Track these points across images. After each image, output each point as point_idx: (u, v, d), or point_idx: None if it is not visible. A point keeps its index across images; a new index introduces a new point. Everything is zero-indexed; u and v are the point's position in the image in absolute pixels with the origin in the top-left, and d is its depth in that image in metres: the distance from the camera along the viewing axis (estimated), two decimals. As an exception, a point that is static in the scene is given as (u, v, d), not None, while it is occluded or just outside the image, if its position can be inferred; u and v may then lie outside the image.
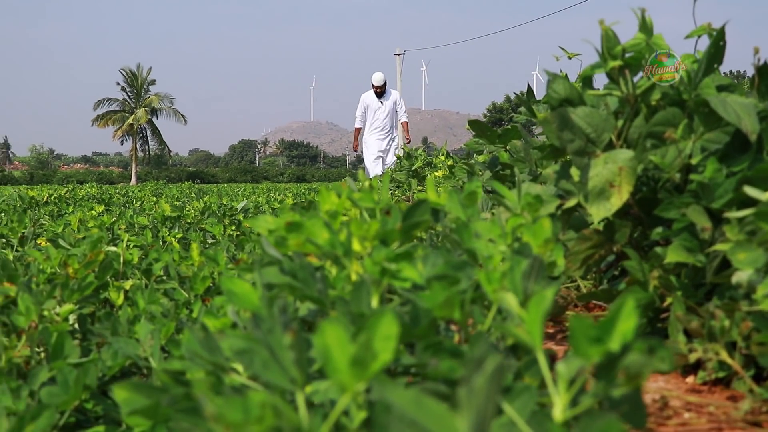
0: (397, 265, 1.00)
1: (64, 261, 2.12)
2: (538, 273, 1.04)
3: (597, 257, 1.62)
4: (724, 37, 1.67)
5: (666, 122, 1.52)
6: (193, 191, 11.64)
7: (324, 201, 1.44)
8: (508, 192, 1.52)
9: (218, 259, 2.20)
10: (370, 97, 13.20)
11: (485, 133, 3.25)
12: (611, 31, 1.58)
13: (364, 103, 13.13)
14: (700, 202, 1.45)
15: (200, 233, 3.78)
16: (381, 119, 13.01)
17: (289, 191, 11.56)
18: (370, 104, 13.13)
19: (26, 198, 6.39)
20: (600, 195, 1.51)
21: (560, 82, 1.64)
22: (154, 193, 10.69)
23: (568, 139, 1.52)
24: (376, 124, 13.08)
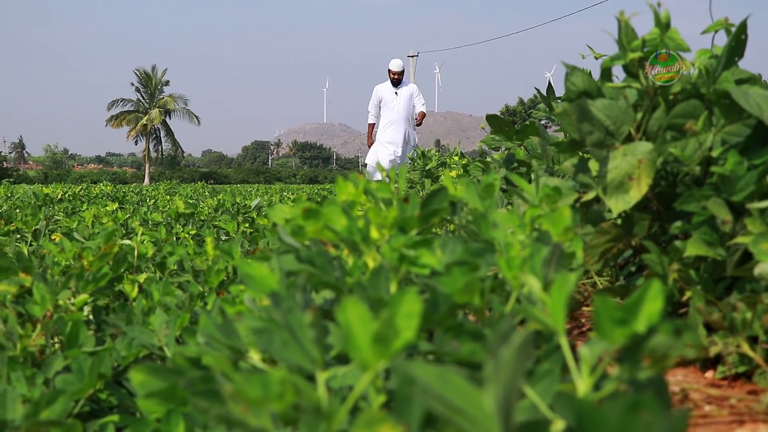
0: (415, 252, 0.99)
1: (78, 253, 2.12)
2: (558, 260, 1.03)
3: (615, 251, 1.60)
4: (745, 30, 1.65)
5: (686, 114, 1.50)
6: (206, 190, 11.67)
7: (341, 191, 1.44)
8: (526, 184, 1.50)
9: (233, 252, 2.19)
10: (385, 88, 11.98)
11: (503, 128, 3.23)
12: (630, 24, 1.57)
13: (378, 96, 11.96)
14: (721, 195, 1.43)
15: (214, 230, 3.78)
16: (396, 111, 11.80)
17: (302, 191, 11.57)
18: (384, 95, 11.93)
19: (41, 195, 6.41)
20: (619, 188, 1.50)
21: (578, 75, 1.63)
22: (167, 192, 10.71)
23: (587, 131, 1.51)
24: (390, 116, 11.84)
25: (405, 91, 12.00)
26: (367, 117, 12.17)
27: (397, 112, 11.80)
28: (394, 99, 11.85)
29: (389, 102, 11.88)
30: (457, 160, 7.50)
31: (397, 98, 11.86)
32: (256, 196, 8.57)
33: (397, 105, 11.79)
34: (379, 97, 11.96)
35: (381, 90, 12.00)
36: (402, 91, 11.94)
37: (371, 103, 12.01)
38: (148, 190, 11.25)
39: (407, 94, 11.97)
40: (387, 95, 11.93)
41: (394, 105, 11.79)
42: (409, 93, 11.97)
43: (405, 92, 11.98)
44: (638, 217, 1.57)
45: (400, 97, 11.89)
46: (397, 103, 11.81)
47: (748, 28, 1.67)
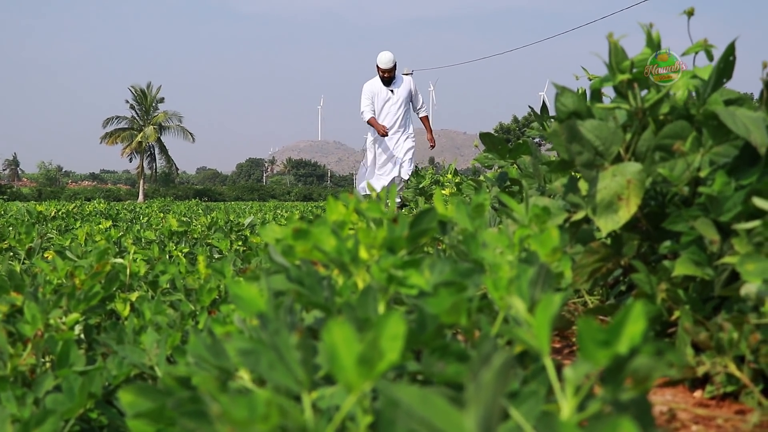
0: (404, 272, 1.00)
1: (70, 272, 2.12)
2: (545, 281, 1.04)
3: (604, 270, 1.61)
4: (733, 52, 1.67)
5: (674, 135, 1.52)
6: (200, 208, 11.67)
7: (331, 211, 1.44)
8: (516, 204, 1.51)
9: (224, 271, 2.19)
10: (376, 86, 9.64)
11: (496, 147, 3.25)
12: (619, 45, 1.59)
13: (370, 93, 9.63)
14: (709, 215, 1.44)
15: (207, 248, 3.78)
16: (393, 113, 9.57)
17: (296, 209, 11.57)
18: (378, 94, 9.62)
19: (34, 213, 6.40)
20: (608, 208, 1.51)
21: (568, 96, 1.64)
22: (161, 209, 10.71)
23: (577, 151, 1.52)
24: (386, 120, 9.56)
25: (403, 88, 9.69)
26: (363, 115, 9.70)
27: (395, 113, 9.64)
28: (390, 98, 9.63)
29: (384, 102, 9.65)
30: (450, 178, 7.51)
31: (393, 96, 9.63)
32: (250, 214, 8.58)
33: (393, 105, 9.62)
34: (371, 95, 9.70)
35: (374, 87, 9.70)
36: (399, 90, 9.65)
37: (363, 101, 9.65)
38: (142, 207, 11.25)
39: (405, 92, 9.69)
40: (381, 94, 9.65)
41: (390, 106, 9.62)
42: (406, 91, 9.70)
43: (403, 90, 9.69)
44: (627, 237, 1.58)
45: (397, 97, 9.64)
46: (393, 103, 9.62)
47: (735, 50, 1.69)
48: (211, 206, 14.75)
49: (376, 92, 9.76)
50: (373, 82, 9.81)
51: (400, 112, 9.74)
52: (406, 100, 9.78)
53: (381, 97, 9.75)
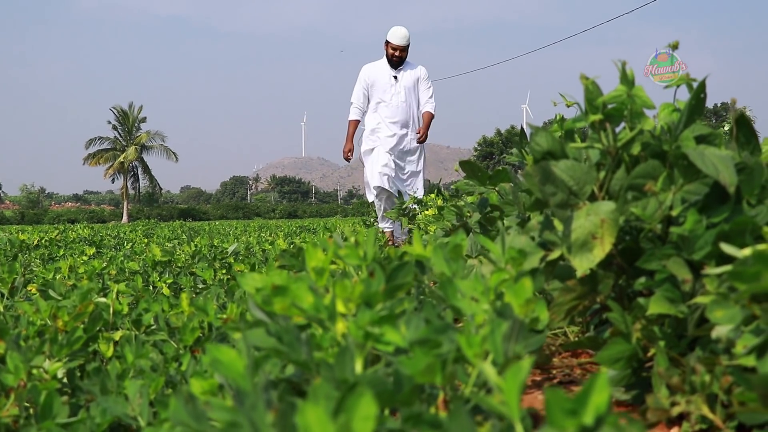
0: (380, 329, 1.02)
1: (53, 313, 2.13)
2: (518, 334, 1.06)
3: (581, 308, 1.64)
4: (704, 90, 1.71)
5: (646, 174, 1.55)
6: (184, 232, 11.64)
7: (311, 258, 1.46)
8: (493, 245, 1.53)
9: (208, 309, 2.21)
10: (378, 69, 7.93)
11: (476, 174, 3.29)
12: (592, 85, 1.62)
13: (367, 81, 7.92)
14: (681, 254, 1.47)
15: (191, 278, 3.78)
16: (395, 105, 7.85)
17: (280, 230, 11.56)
18: (377, 80, 7.89)
19: (16, 242, 6.38)
20: (583, 247, 1.53)
21: (542, 135, 1.67)
22: (145, 233, 10.69)
23: (551, 192, 1.55)
24: (386, 112, 7.85)
25: (410, 75, 7.96)
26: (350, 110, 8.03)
27: (396, 106, 7.89)
28: (393, 87, 7.90)
29: (385, 91, 7.92)
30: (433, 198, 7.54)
31: (397, 85, 7.89)
32: (234, 237, 8.58)
33: (396, 96, 7.88)
34: (368, 83, 7.95)
35: (372, 72, 7.96)
36: (405, 75, 7.92)
37: (356, 92, 7.98)
38: (126, 231, 11.22)
39: (411, 81, 7.95)
40: (382, 80, 7.92)
41: (393, 96, 7.90)
42: (414, 79, 7.95)
43: (409, 77, 7.94)
44: (602, 275, 1.61)
45: (401, 85, 7.89)
46: (397, 94, 7.89)
47: (706, 87, 1.73)
48: (195, 228, 14.73)
49: (374, 78, 7.91)
50: (374, 65, 8.01)
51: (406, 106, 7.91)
52: (413, 90, 7.96)
53: (381, 84, 7.90)
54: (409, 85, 7.98)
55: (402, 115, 7.97)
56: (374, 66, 8.04)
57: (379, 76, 7.96)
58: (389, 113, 7.94)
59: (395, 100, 7.92)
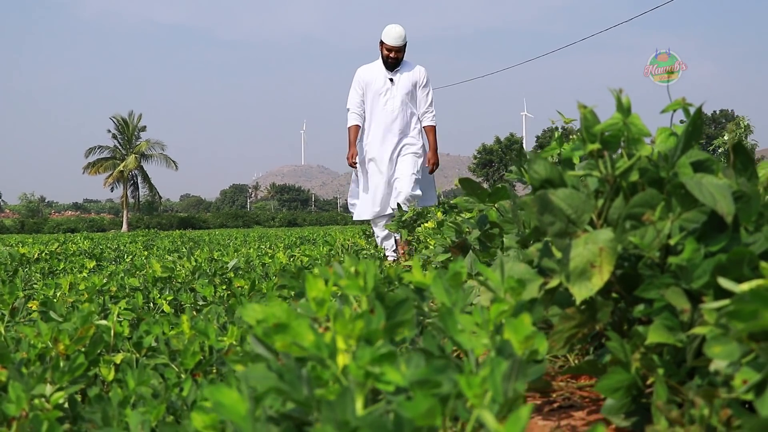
0: (380, 368, 1.03)
1: (55, 337, 2.13)
2: (518, 373, 1.07)
3: (580, 335, 1.64)
4: (701, 116, 1.72)
5: (644, 203, 1.56)
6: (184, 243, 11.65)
7: (311, 288, 1.47)
8: (491, 273, 1.54)
9: (208, 332, 2.21)
10: (374, 71, 7.32)
11: (475, 191, 3.29)
12: (590, 114, 1.63)
13: (362, 83, 7.32)
14: (680, 283, 1.48)
15: (191, 295, 3.80)
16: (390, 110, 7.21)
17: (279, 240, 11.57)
18: (372, 84, 7.26)
19: (17, 256, 6.40)
20: (582, 275, 1.54)
21: (540, 163, 1.68)
22: (145, 245, 10.69)
23: (549, 222, 1.56)
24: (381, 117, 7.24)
25: (407, 78, 7.27)
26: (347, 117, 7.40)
27: (392, 111, 7.24)
28: (389, 90, 7.25)
29: (379, 94, 7.26)
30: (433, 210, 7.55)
31: (393, 89, 7.24)
32: (234, 249, 8.58)
33: (392, 101, 7.23)
34: (362, 86, 7.34)
35: (367, 74, 7.35)
36: (402, 78, 7.25)
37: (353, 96, 7.33)
38: (126, 243, 11.22)
39: (409, 83, 7.27)
40: (376, 83, 7.27)
41: (388, 100, 7.24)
42: (411, 82, 7.27)
43: (406, 80, 7.27)
44: (601, 303, 1.62)
45: (397, 88, 7.24)
46: (392, 98, 7.23)
47: (702, 113, 1.74)
48: (195, 238, 14.74)
49: (369, 80, 7.30)
50: (369, 67, 7.42)
51: (401, 110, 7.26)
52: (411, 94, 7.29)
53: (376, 86, 7.26)
54: (406, 89, 7.24)
55: (397, 121, 7.25)
56: (369, 68, 7.37)
57: (374, 79, 7.26)
58: (383, 119, 7.24)
59: (390, 105, 7.20)
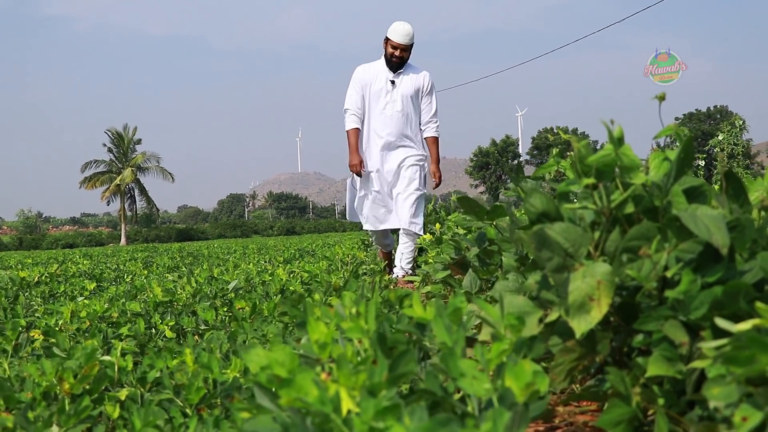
0: (384, 422, 1.04)
1: (60, 376, 2.15)
2: (520, 422, 1.09)
3: (581, 368, 1.66)
4: (691, 144, 1.74)
5: (640, 236, 1.57)
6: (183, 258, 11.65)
7: (313, 331, 1.49)
8: (491, 309, 1.56)
9: (212, 366, 2.23)
10: (374, 72, 6.55)
11: (473, 209, 3.31)
12: (584, 149, 1.65)
13: (361, 82, 6.54)
14: (677, 314, 1.50)
15: (193, 319, 3.81)
16: (389, 115, 6.45)
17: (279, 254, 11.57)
18: (372, 84, 6.50)
19: (17, 280, 6.41)
20: (580, 308, 1.56)
21: (537, 197, 1.70)
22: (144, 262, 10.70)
23: (547, 257, 1.58)
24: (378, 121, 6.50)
25: (410, 81, 6.52)
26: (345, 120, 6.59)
27: (391, 116, 6.47)
28: (389, 93, 6.48)
29: (378, 97, 6.50)
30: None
31: (394, 92, 6.47)
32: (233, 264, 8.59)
33: (392, 105, 6.47)
34: (362, 85, 6.54)
35: (367, 73, 6.57)
36: (405, 80, 6.51)
37: (351, 95, 6.53)
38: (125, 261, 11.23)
39: (412, 88, 6.51)
40: (376, 84, 6.51)
41: (388, 104, 6.48)
42: (415, 87, 6.51)
43: (409, 84, 6.51)
44: (601, 335, 1.63)
45: (399, 91, 6.48)
46: (393, 102, 6.47)
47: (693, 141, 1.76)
48: (194, 252, 14.74)
49: (369, 80, 6.52)
50: (369, 66, 6.62)
51: (400, 116, 6.50)
52: (413, 99, 6.52)
53: (375, 87, 6.50)
54: (409, 93, 6.46)
55: (396, 128, 6.49)
56: (369, 67, 6.56)
57: (374, 79, 6.49)
58: (381, 125, 6.48)
59: (390, 109, 6.42)
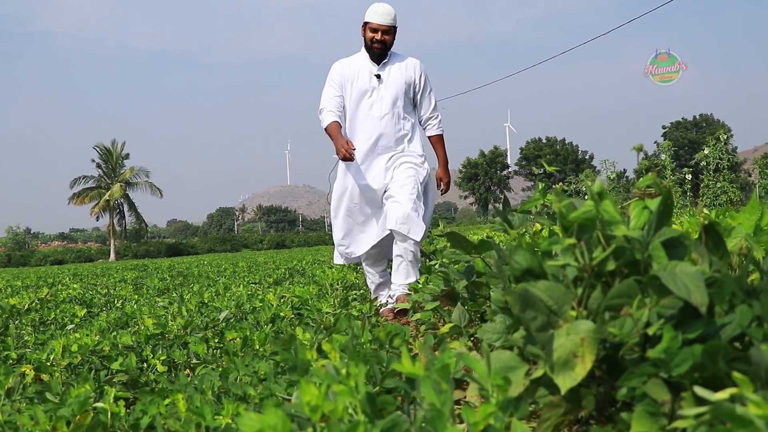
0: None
1: (53, 425, 2.17)
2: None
3: (566, 422, 1.70)
4: (671, 197, 1.79)
5: (622, 294, 1.61)
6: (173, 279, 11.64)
7: (304, 393, 1.52)
8: (478, 365, 1.59)
9: (204, 413, 2.25)
10: (355, 66, 5.42)
11: (461, 244, 3.36)
12: (564, 209, 1.69)
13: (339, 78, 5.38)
14: (659, 371, 1.54)
15: (184, 352, 3.83)
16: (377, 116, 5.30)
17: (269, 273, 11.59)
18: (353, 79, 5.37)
19: (7, 307, 6.42)
20: (565, 365, 1.60)
21: (521, 254, 1.74)
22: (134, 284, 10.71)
23: (531, 317, 1.62)
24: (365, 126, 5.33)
25: (398, 73, 5.39)
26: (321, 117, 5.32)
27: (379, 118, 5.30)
28: (375, 91, 5.33)
29: (362, 96, 5.35)
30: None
31: (380, 88, 5.32)
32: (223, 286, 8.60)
33: (379, 103, 5.31)
34: (342, 83, 5.37)
35: (346, 69, 5.41)
36: (393, 72, 5.39)
37: (326, 94, 5.37)
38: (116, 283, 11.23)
39: (401, 79, 5.37)
40: (359, 81, 5.37)
41: (374, 103, 5.32)
42: (405, 79, 5.38)
43: (398, 76, 5.38)
44: (585, 391, 1.67)
45: (387, 86, 5.34)
46: (380, 100, 5.32)
47: (672, 195, 1.80)
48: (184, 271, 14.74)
49: (350, 77, 5.38)
50: (348, 61, 5.48)
51: (390, 116, 5.32)
52: (405, 94, 5.38)
53: (359, 85, 5.37)
54: (399, 88, 5.33)
55: (387, 130, 5.33)
56: (349, 62, 5.44)
57: (356, 76, 5.35)
58: (369, 128, 5.31)
59: (378, 109, 5.29)
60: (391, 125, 5.33)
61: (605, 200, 1.79)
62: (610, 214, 1.76)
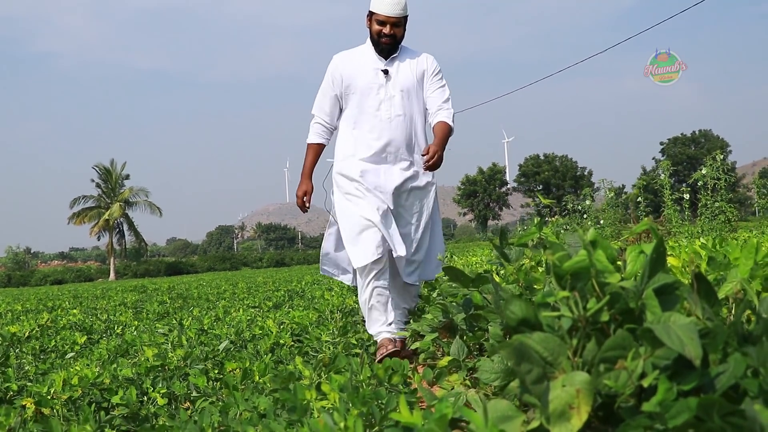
0: None
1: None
2: None
3: (564, 474, 1.71)
4: (663, 245, 1.81)
5: (617, 347, 1.64)
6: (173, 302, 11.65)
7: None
8: (476, 416, 1.61)
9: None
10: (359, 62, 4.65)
11: (459, 278, 3.39)
12: (557, 261, 1.71)
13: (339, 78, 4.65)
14: (655, 424, 1.56)
15: (184, 384, 3.85)
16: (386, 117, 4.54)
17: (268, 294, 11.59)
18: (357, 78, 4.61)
19: (8, 336, 6.43)
20: (561, 417, 1.62)
21: (517, 304, 1.76)
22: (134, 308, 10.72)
23: (526, 370, 1.63)
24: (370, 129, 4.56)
25: (409, 70, 4.65)
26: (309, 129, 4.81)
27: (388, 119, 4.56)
28: (383, 88, 4.58)
29: (368, 94, 4.61)
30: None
31: (388, 86, 4.59)
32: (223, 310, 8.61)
33: (388, 103, 4.58)
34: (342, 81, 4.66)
35: (348, 65, 4.68)
36: (402, 69, 4.65)
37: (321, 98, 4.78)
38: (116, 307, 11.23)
39: (412, 76, 4.64)
40: (364, 78, 4.62)
41: (382, 102, 4.58)
42: (417, 75, 4.65)
43: (408, 72, 4.65)
44: (582, 442, 1.69)
45: (395, 84, 4.60)
46: (389, 99, 4.58)
47: (664, 243, 1.82)
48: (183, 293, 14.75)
49: (353, 74, 4.65)
50: (350, 54, 4.74)
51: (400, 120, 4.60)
52: (416, 93, 4.66)
53: (363, 82, 4.63)
54: (410, 85, 4.62)
55: (396, 134, 4.59)
56: (351, 56, 4.71)
57: (359, 72, 4.63)
58: (377, 132, 4.57)
59: (385, 110, 4.57)
60: (401, 129, 4.58)
61: (598, 249, 1.81)
62: (603, 264, 1.79)
